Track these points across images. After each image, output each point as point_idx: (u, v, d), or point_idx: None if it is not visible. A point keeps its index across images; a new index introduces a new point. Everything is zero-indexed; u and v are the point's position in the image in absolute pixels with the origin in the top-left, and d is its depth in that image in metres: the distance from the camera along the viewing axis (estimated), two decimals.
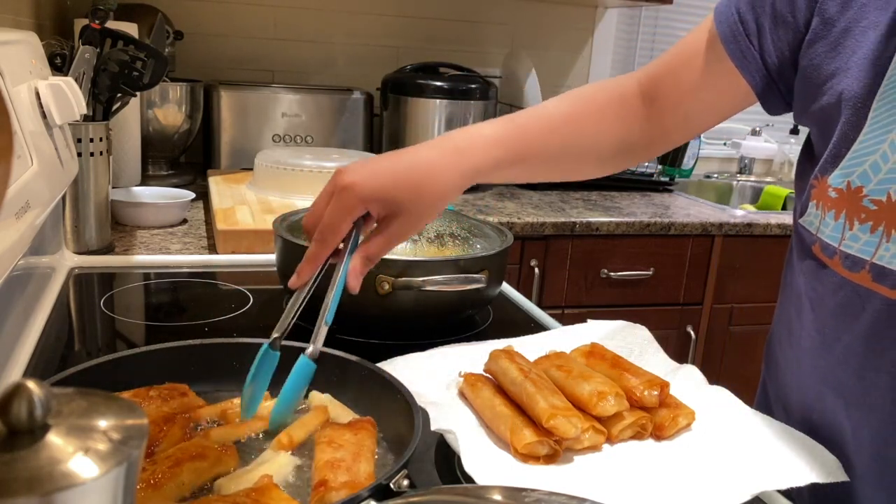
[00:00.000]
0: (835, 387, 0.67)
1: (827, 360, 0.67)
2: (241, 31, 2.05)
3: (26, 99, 0.78)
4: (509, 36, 2.29)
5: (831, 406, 0.67)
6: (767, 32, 0.69)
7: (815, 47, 0.65)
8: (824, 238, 0.65)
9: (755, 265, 1.89)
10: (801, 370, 0.72)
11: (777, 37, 0.68)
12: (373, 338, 0.88)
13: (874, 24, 0.61)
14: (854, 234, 0.62)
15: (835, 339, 0.66)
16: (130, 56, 1.15)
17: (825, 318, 0.67)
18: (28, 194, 0.68)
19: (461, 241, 0.93)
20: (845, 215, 0.62)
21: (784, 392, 0.76)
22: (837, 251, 0.64)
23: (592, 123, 0.79)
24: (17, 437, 0.27)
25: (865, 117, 0.60)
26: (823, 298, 0.67)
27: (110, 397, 0.31)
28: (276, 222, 0.96)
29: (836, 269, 0.64)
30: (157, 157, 1.77)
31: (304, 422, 0.62)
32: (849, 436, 0.66)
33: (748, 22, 0.70)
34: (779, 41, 0.68)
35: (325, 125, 1.91)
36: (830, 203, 0.64)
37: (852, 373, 0.64)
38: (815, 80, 0.65)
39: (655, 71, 0.79)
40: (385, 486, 0.50)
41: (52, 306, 0.93)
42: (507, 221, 1.65)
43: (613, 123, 0.79)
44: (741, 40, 0.70)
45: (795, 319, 0.72)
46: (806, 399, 0.71)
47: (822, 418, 0.69)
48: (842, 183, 0.62)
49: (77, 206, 1.15)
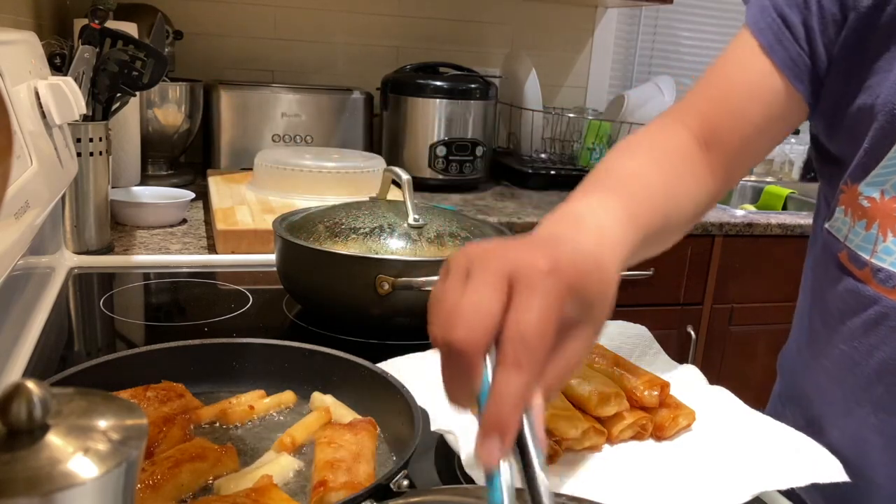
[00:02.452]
0: (866, 402, 0.64)
1: (857, 375, 0.64)
2: (240, 30, 2.05)
3: (26, 99, 0.78)
4: (509, 36, 2.29)
5: (859, 421, 0.65)
6: (817, 34, 0.62)
7: (856, 47, 0.61)
8: (853, 247, 0.62)
9: (755, 265, 1.89)
10: (827, 382, 0.69)
11: (828, 39, 0.62)
12: (373, 338, 0.88)
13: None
14: (888, 246, 0.59)
15: (867, 354, 0.63)
16: (130, 56, 1.15)
17: (855, 332, 0.63)
18: (27, 194, 0.68)
19: (461, 241, 0.93)
20: (878, 226, 0.59)
21: (804, 402, 0.73)
22: (868, 263, 0.61)
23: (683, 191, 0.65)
24: (17, 438, 0.27)
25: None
26: (854, 310, 0.63)
27: (110, 397, 0.31)
28: (276, 222, 0.95)
29: (867, 283, 0.61)
30: (156, 157, 1.77)
31: (306, 423, 0.62)
32: (877, 451, 0.63)
33: (794, 25, 0.63)
34: (829, 43, 0.62)
35: (324, 125, 1.91)
36: (861, 211, 0.61)
37: (886, 389, 0.62)
38: (849, 82, 0.61)
39: (705, 114, 0.68)
40: (385, 487, 0.50)
41: (51, 306, 0.93)
42: (508, 221, 1.64)
43: (690, 185, 0.66)
44: (789, 46, 0.63)
45: (820, 329, 0.69)
46: (830, 412, 0.68)
47: (846, 432, 0.66)
48: (874, 192, 0.59)
49: (77, 206, 1.15)
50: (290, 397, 0.67)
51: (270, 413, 0.66)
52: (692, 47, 2.55)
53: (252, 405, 0.64)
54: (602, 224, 0.50)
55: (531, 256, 0.40)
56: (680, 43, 2.53)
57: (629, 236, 0.52)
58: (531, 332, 0.37)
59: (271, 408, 0.66)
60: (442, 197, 1.85)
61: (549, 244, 0.44)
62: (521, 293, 0.39)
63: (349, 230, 0.90)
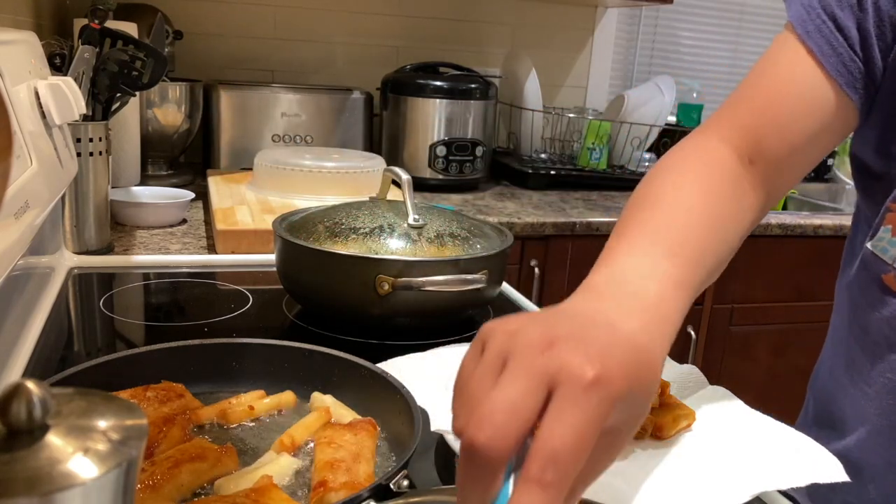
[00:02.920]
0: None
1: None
2: (240, 30, 2.05)
3: (25, 99, 0.78)
4: (509, 36, 2.29)
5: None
6: (874, 39, 0.58)
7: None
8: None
9: (756, 265, 1.88)
10: (866, 408, 0.66)
11: (885, 44, 0.58)
12: (373, 338, 0.88)
13: None
14: None
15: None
16: (130, 56, 1.15)
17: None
18: (27, 194, 0.68)
19: (461, 241, 0.93)
20: None
21: (838, 424, 0.70)
22: None
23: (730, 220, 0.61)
24: (17, 438, 0.27)
25: None
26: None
27: (110, 397, 0.31)
28: (276, 222, 0.95)
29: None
30: (156, 157, 1.77)
31: (306, 423, 0.62)
32: None
33: (847, 29, 0.58)
34: (886, 48, 0.58)
35: (324, 125, 1.91)
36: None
37: None
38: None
39: (746, 124, 0.63)
40: (385, 487, 0.50)
41: (51, 306, 0.93)
42: (508, 221, 1.65)
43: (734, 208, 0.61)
44: (842, 52, 0.59)
45: (860, 356, 0.66)
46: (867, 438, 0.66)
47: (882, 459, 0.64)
48: None
49: (76, 206, 1.15)
50: (290, 398, 0.67)
51: (271, 414, 0.66)
52: (692, 47, 2.55)
53: (252, 405, 0.64)
54: (651, 295, 0.45)
55: (578, 361, 0.35)
56: (680, 43, 2.54)
57: (680, 306, 0.47)
58: (565, 449, 0.33)
59: (271, 408, 0.66)
60: (442, 197, 1.85)
61: (598, 338, 0.38)
62: (562, 403, 0.34)
63: (349, 230, 0.90)
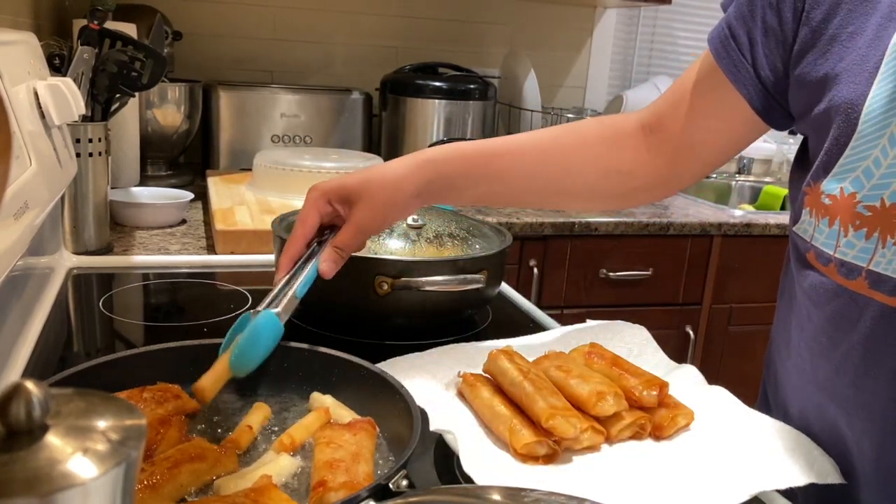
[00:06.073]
0: (834, 397, 0.66)
1: (825, 369, 0.66)
2: (239, 31, 2.05)
3: (25, 99, 0.78)
4: (508, 36, 2.29)
5: (832, 416, 0.66)
6: (759, 46, 0.69)
7: (806, 57, 0.65)
8: (819, 245, 0.65)
9: (754, 265, 1.89)
10: (800, 380, 0.71)
11: (769, 49, 0.68)
12: (372, 338, 0.88)
13: (860, 29, 0.61)
14: (849, 240, 0.61)
15: (832, 347, 0.65)
16: (129, 56, 1.15)
17: (822, 327, 0.66)
18: (27, 195, 0.68)
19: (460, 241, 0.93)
20: (839, 222, 0.62)
21: (784, 402, 0.75)
22: (833, 259, 0.63)
23: (574, 148, 0.80)
24: (16, 438, 0.27)
25: (857, 123, 0.60)
26: (820, 307, 0.66)
27: (109, 398, 0.31)
28: (275, 223, 0.96)
29: (832, 277, 0.64)
30: (155, 158, 1.77)
31: (305, 424, 0.62)
32: (851, 446, 0.65)
33: (740, 36, 0.70)
34: (771, 54, 0.68)
35: (323, 125, 1.91)
36: (824, 210, 0.63)
37: (850, 382, 0.64)
38: (808, 90, 0.65)
39: (657, 106, 0.79)
40: (384, 487, 0.50)
41: (50, 307, 0.93)
42: (507, 221, 1.65)
43: (599, 148, 0.80)
44: (733, 54, 0.70)
45: (794, 329, 0.72)
46: (806, 409, 0.70)
47: (822, 429, 0.68)
48: (835, 189, 0.62)
49: (76, 207, 1.15)
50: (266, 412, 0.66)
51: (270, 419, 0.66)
52: (691, 47, 2.55)
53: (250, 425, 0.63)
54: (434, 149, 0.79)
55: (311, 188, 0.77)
56: (678, 43, 2.54)
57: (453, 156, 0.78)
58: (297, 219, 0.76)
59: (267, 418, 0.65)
60: None
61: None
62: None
63: None
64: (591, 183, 0.81)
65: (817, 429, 0.68)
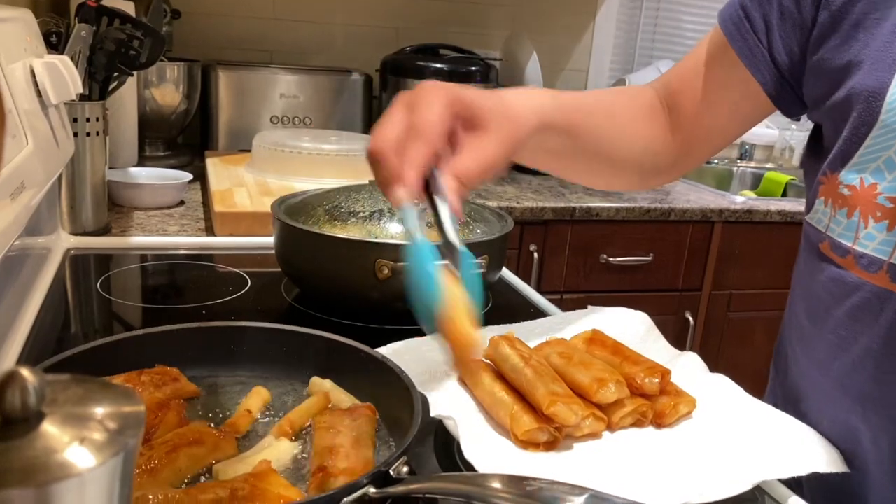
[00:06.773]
0: (852, 391, 0.65)
1: (843, 363, 0.65)
2: (239, 10, 2.03)
3: (21, 77, 0.77)
4: (510, 18, 2.27)
5: (847, 411, 0.65)
6: (776, 29, 0.67)
7: (826, 43, 0.63)
8: (835, 236, 0.63)
9: (755, 252, 1.88)
10: (815, 374, 0.70)
11: (785, 33, 0.67)
12: (372, 322, 0.87)
13: (886, 16, 0.59)
14: (869, 232, 0.60)
15: (851, 341, 0.63)
16: (127, 35, 1.14)
17: (842, 321, 0.64)
18: (23, 174, 0.67)
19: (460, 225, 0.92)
20: (859, 213, 0.60)
21: (796, 396, 0.73)
22: (851, 250, 0.62)
23: (629, 119, 0.77)
24: (12, 426, 0.27)
25: (879, 112, 0.58)
26: (839, 300, 0.64)
27: (106, 384, 0.30)
28: (274, 205, 0.95)
29: (850, 269, 0.62)
30: (154, 138, 1.75)
31: (305, 408, 0.62)
32: (867, 441, 0.64)
33: (755, 19, 0.68)
34: (787, 38, 0.67)
35: (323, 107, 1.89)
36: (842, 200, 0.62)
37: (869, 377, 0.62)
38: (827, 76, 0.64)
39: (670, 82, 0.77)
40: (384, 473, 0.50)
41: (47, 288, 0.92)
42: (507, 206, 1.64)
43: (645, 125, 0.77)
44: (749, 37, 0.69)
45: (807, 321, 0.70)
46: (820, 404, 0.69)
47: (836, 423, 0.66)
48: (854, 180, 0.60)
49: (73, 187, 1.14)
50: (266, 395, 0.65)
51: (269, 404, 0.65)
52: (694, 31, 2.53)
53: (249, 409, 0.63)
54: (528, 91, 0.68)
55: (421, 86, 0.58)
56: (682, 27, 2.52)
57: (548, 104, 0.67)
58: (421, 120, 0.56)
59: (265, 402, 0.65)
60: None
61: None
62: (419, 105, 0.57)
63: (348, 213, 0.89)
64: (633, 160, 0.78)
65: (829, 422, 0.67)
